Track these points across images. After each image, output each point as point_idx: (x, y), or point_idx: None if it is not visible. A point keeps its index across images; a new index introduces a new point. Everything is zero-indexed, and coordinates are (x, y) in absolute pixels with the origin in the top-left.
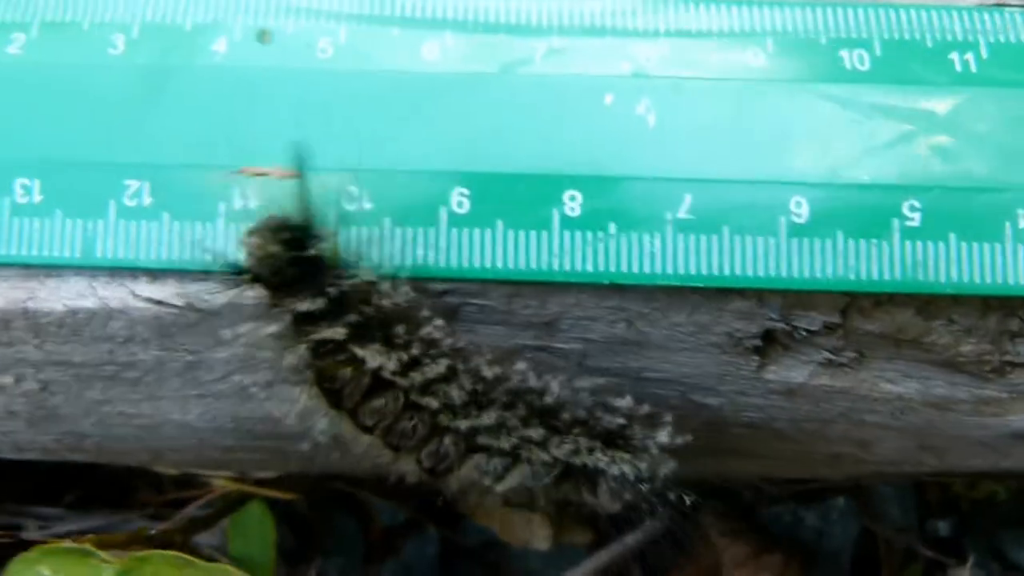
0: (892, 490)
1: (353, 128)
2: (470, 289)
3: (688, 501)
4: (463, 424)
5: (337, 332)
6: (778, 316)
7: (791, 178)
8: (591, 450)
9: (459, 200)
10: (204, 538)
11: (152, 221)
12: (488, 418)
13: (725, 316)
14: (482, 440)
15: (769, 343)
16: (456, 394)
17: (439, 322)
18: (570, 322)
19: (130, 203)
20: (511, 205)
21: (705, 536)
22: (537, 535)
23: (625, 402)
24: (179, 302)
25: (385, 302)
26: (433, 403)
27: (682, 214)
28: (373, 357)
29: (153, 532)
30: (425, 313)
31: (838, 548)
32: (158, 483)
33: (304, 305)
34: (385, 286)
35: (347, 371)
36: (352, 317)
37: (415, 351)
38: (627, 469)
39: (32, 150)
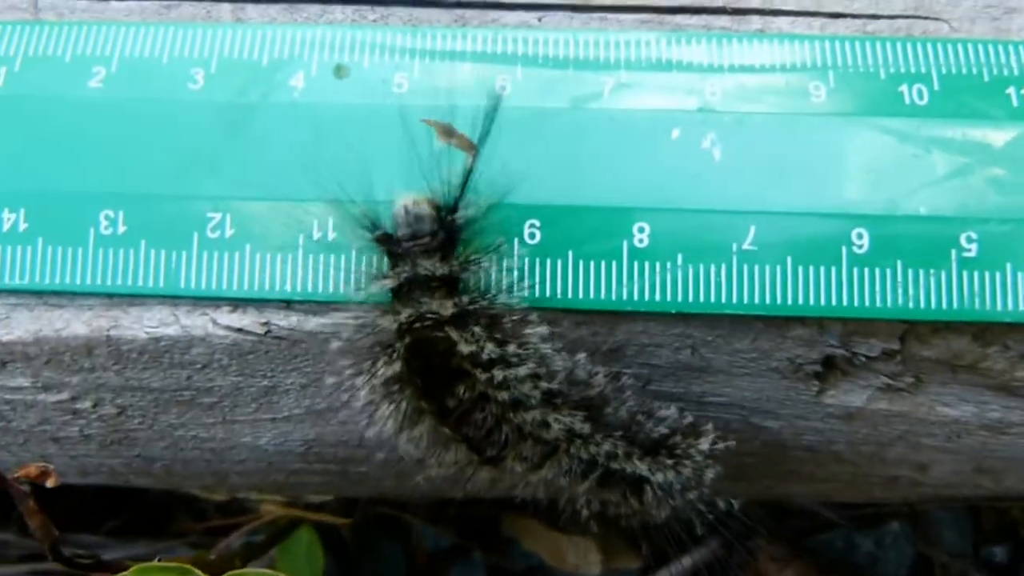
0: (948, 515)
1: (426, 162)
2: (542, 317)
3: (735, 506)
4: (525, 416)
5: (444, 307)
6: (838, 343)
7: (852, 210)
8: (629, 455)
9: (531, 231)
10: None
11: (234, 252)
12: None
13: (786, 343)
14: (530, 429)
15: (829, 369)
16: (531, 392)
17: (543, 329)
18: (636, 348)
19: (213, 235)
20: (581, 236)
21: (754, 562)
22: (588, 559)
23: (671, 412)
24: (259, 330)
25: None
26: (505, 397)
27: (747, 245)
28: (467, 343)
29: (213, 558)
30: (533, 316)
31: (892, 573)
32: (198, 511)
33: (426, 266)
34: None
35: (439, 349)
36: (464, 299)
37: (510, 349)
38: (671, 476)
39: (116, 183)
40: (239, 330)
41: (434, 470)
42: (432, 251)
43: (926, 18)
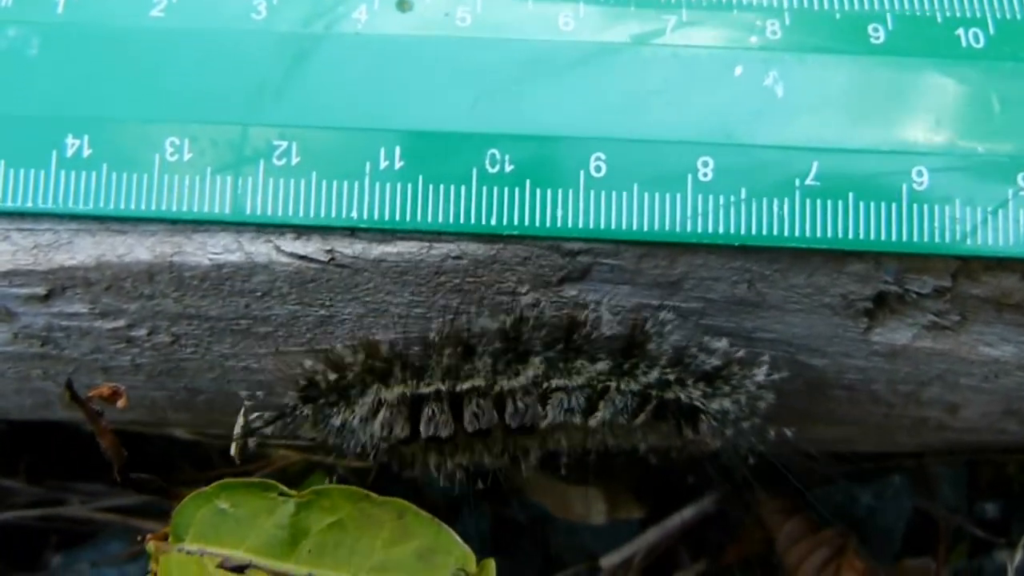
0: (947, 471)
1: (491, 95)
2: (604, 249)
3: (790, 435)
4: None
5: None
6: (892, 279)
7: (912, 148)
8: (683, 383)
9: (597, 164)
10: None
11: (300, 179)
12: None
13: (842, 279)
14: (556, 382)
15: (879, 306)
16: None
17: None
18: (694, 282)
19: (279, 162)
20: (646, 169)
21: (757, 515)
22: (593, 510)
23: (722, 344)
24: (323, 257)
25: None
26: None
27: (809, 180)
28: None
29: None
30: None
31: (891, 526)
32: (201, 459)
33: None
34: None
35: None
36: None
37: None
38: (728, 404)
39: (181, 110)
40: (303, 257)
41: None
42: None
43: None
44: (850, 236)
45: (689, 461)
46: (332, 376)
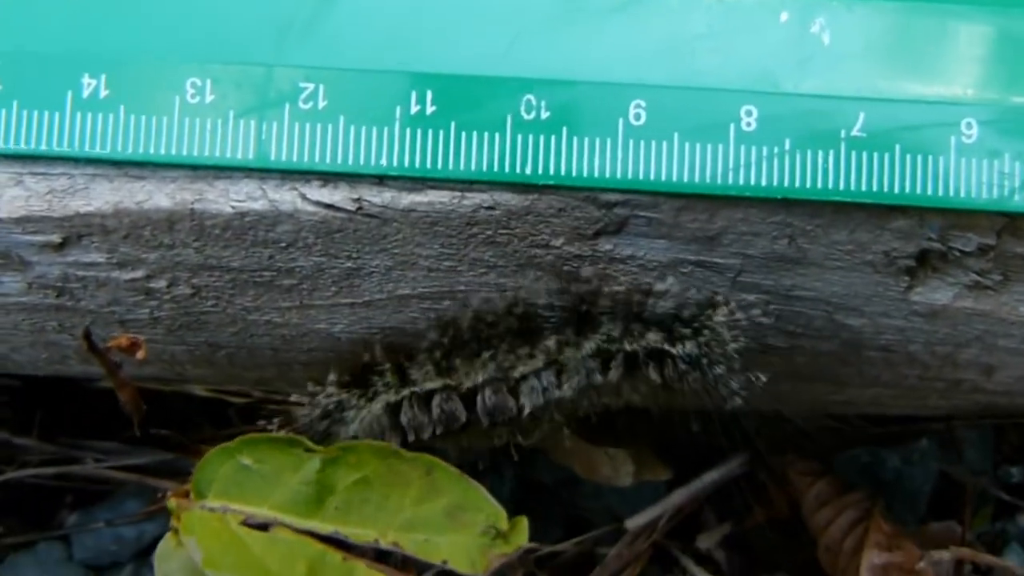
0: (973, 434)
1: (527, 38)
2: (641, 201)
3: (761, 380)
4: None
5: None
6: (936, 235)
7: (961, 99)
8: (640, 333)
9: (636, 112)
10: None
11: (327, 124)
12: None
13: (885, 235)
14: (520, 370)
15: (921, 264)
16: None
17: None
18: (733, 237)
19: (305, 106)
20: (688, 117)
21: (783, 477)
22: (620, 472)
23: (668, 283)
24: (350, 206)
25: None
26: None
27: (855, 132)
28: None
29: None
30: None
31: (917, 489)
32: (222, 419)
33: None
34: None
35: None
36: None
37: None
38: (690, 348)
39: (203, 49)
40: (329, 206)
41: None
42: None
43: None
44: (896, 190)
45: (717, 423)
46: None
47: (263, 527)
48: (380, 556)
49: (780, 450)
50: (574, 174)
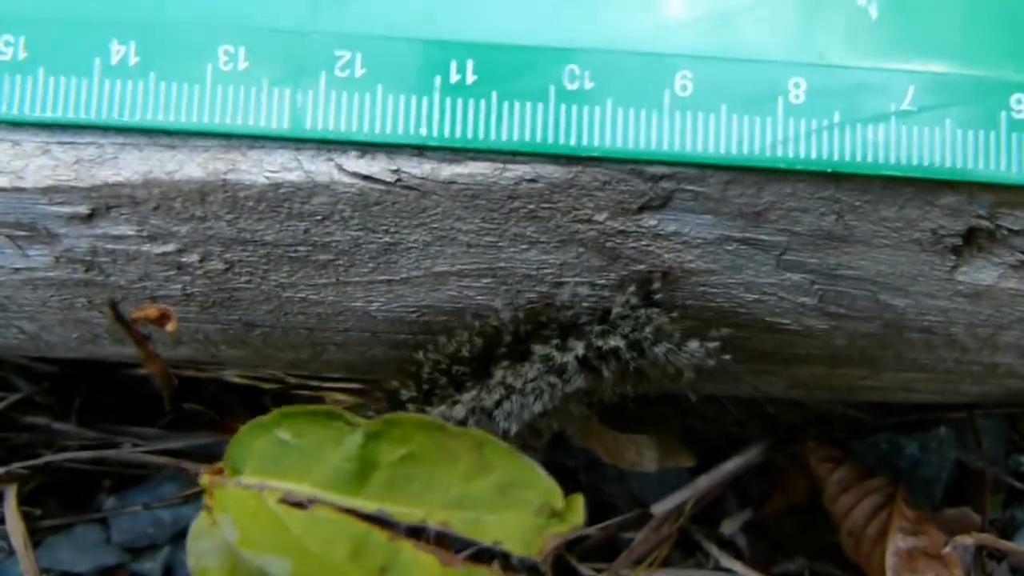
0: (990, 422)
1: (570, 6)
2: (688, 174)
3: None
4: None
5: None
6: (986, 213)
7: (1012, 74)
8: (603, 334)
9: (682, 83)
10: None
11: (364, 93)
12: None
13: (933, 212)
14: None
15: (968, 243)
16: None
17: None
18: (780, 212)
19: (341, 74)
20: (735, 90)
21: (803, 463)
22: (644, 457)
23: (563, 292)
24: (389, 178)
25: None
26: None
27: (905, 105)
28: None
29: None
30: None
31: (933, 476)
32: (256, 405)
33: None
34: None
35: None
36: None
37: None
38: (614, 341)
39: (236, 14)
40: (367, 177)
41: None
42: None
43: None
44: (947, 165)
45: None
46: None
47: (302, 505)
48: (412, 533)
49: (799, 437)
50: (619, 146)
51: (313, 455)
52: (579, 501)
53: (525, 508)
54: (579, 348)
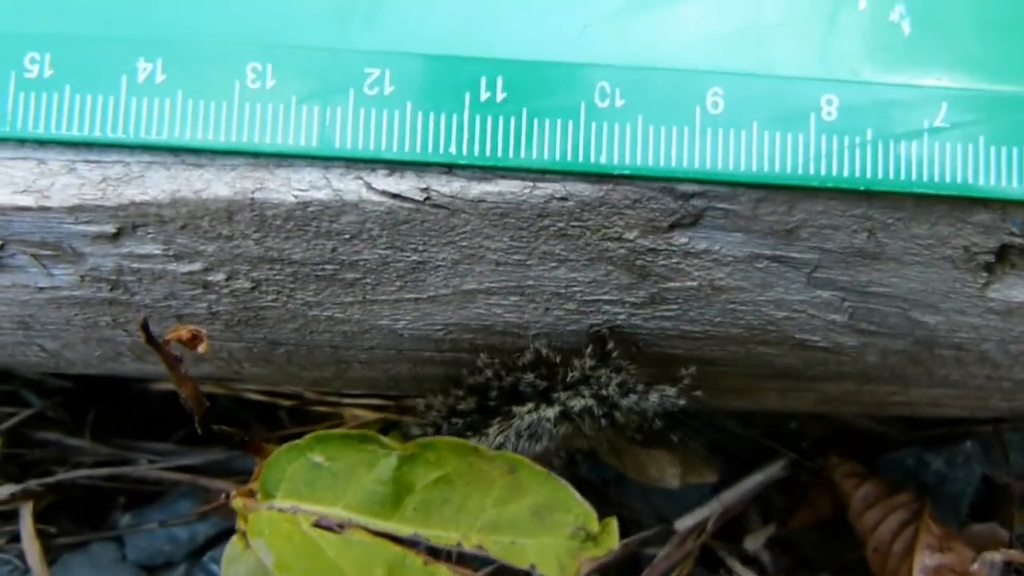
0: (1017, 436)
1: (601, 23)
2: (719, 192)
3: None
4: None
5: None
6: (1018, 230)
7: None
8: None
9: (714, 100)
10: None
11: (394, 110)
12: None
13: (966, 229)
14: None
15: (1000, 260)
16: None
17: None
18: (811, 230)
19: (370, 92)
20: (767, 107)
21: (827, 479)
22: (667, 473)
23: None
24: (418, 196)
25: None
26: None
27: (938, 122)
28: None
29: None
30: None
31: (960, 491)
32: (273, 421)
33: None
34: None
35: None
36: None
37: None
38: (581, 403)
39: (264, 32)
40: (396, 196)
41: None
42: None
43: None
44: (980, 183)
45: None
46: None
47: (337, 528)
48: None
49: (822, 452)
50: (650, 164)
51: (347, 478)
52: (613, 524)
53: (560, 531)
54: (553, 411)
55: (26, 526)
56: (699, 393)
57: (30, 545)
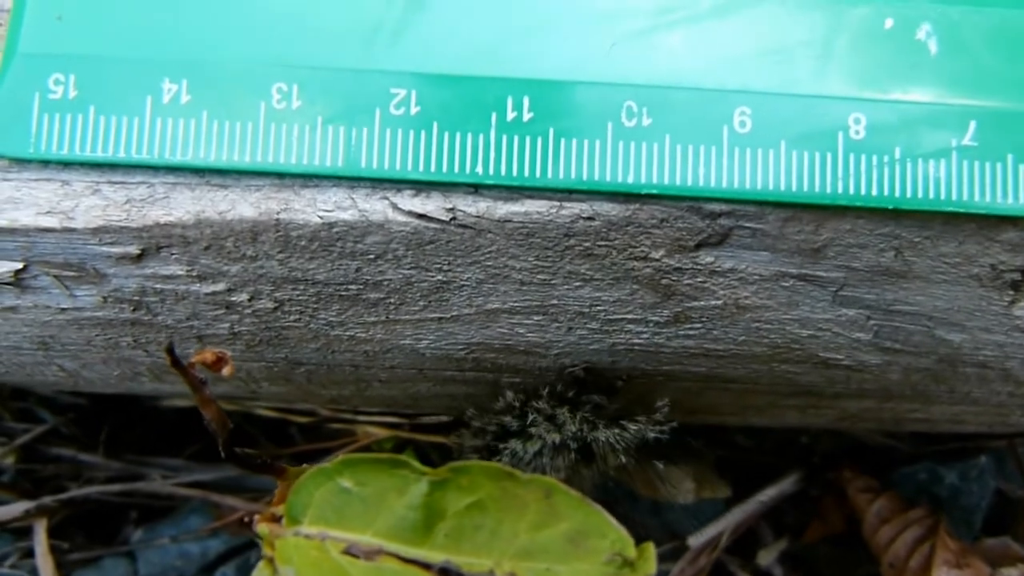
0: None
1: (627, 42)
2: (746, 211)
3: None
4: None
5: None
6: None
7: None
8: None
9: (741, 119)
10: None
11: (420, 131)
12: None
13: (993, 247)
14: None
15: None
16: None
17: None
18: (838, 249)
19: (396, 112)
20: (795, 126)
21: (840, 493)
22: (680, 489)
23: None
24: (444, 216)
25: None
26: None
27: (966, 141)
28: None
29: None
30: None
31: (973, 506)
32: (283, 438)
33: None
34: None
35: None
36: None
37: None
38: (566, 432)
39: (289, 53)
40: (422, 216)
41: None
42: None
43: None
44: (1009, 201)
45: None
46: None
47: (366, 556)
48: None
49: (834, 466)
50: (677, 183)
51: (376, 504)
52: (651, 550)
53: (596, 558)
54: (533, 448)
55: (40, 542)
56: (674, 423)
57: (44, 561)
